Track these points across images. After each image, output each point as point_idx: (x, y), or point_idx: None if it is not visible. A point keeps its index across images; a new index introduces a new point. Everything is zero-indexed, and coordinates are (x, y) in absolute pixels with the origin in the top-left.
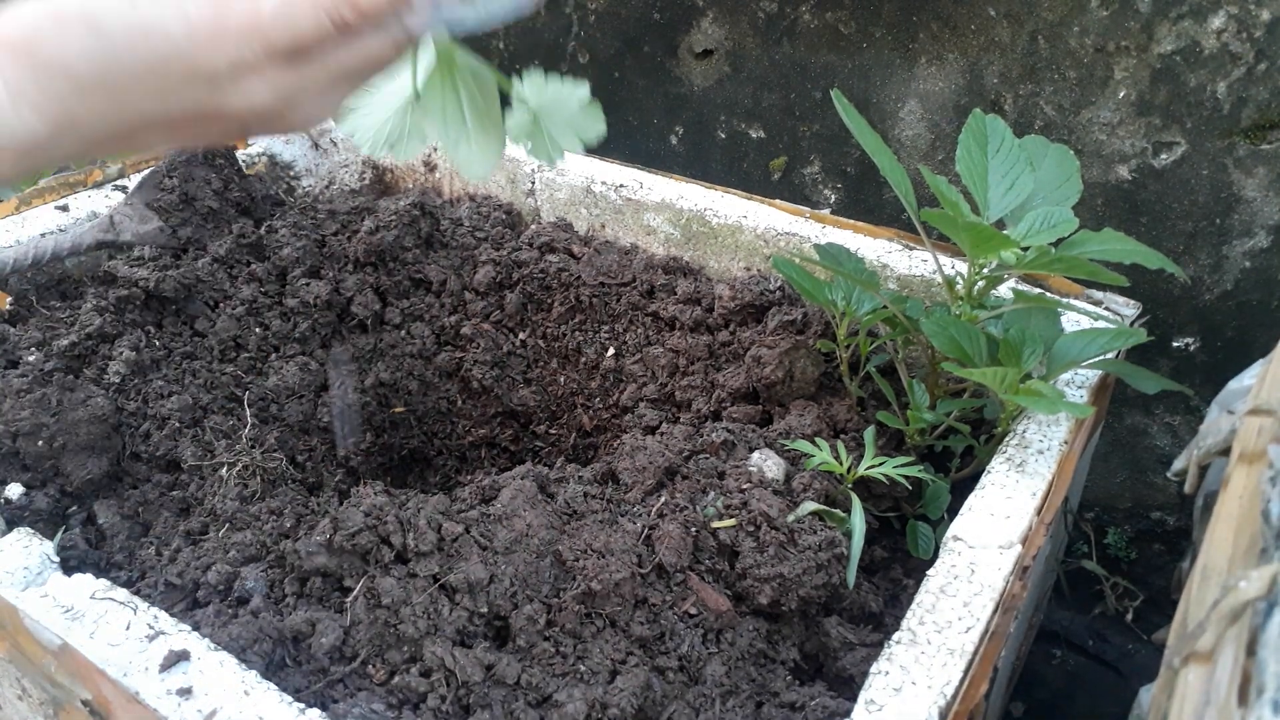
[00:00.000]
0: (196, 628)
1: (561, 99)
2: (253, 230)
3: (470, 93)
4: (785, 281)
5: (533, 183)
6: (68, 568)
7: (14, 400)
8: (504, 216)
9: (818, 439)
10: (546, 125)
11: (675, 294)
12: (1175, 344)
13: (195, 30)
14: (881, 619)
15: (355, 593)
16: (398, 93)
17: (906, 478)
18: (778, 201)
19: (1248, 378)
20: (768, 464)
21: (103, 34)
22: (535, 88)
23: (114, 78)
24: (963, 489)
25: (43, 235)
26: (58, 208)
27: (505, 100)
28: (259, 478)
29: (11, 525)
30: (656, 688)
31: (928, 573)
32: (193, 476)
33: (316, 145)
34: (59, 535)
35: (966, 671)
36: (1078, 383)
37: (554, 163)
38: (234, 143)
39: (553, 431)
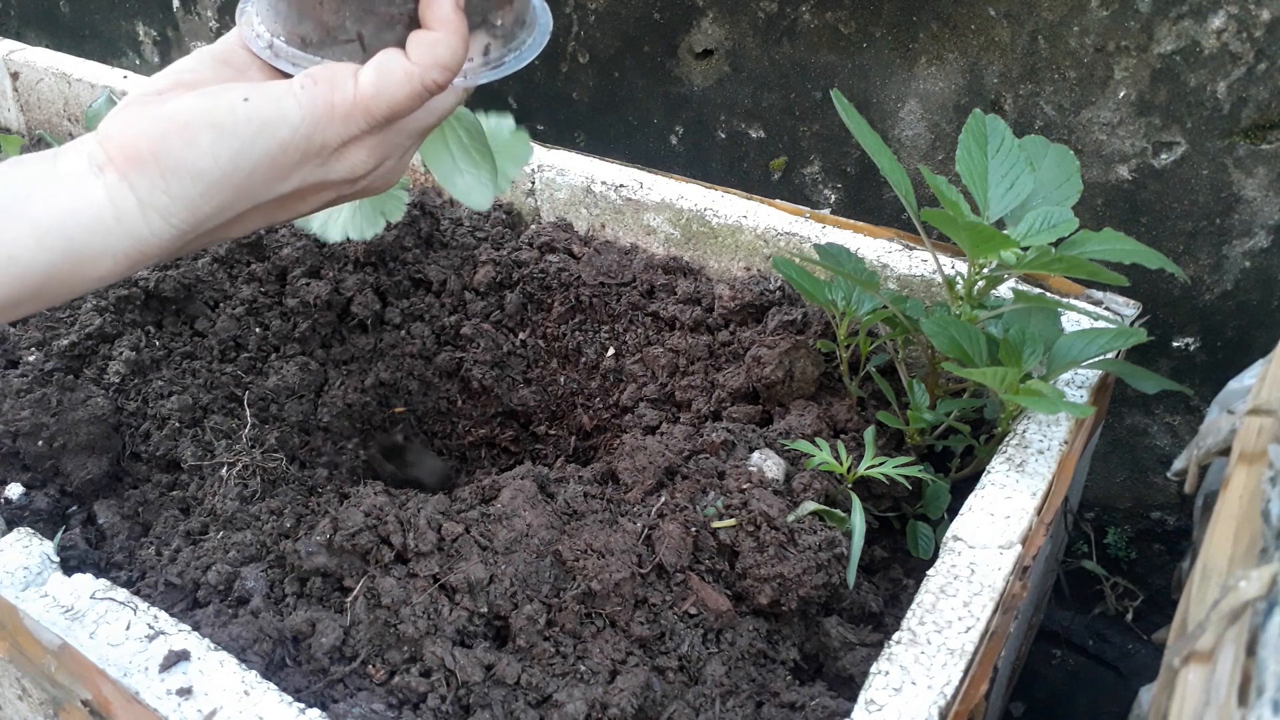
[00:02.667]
0: (196, 628)
1: (495, 131)
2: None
3: (455, 133)
4: (785, 281)
5: (533, 183)
6: (68, 568)
7: (14, 400)
8: (504, 216)
9: (818, 439)
10: None
11: (675, 294)
12: (1175, 344)
13: (309, 114)
14: (881, 619)
15: (355, 593)
16: None
17: (906, 478)
18: (778, 201)
19: (1248, 378)
20: (768, 464)
21: (228, 132)
22: None
23: (240, 173)
24: (963, 489)
25: None
26: None
27: None
28: (259, 478)
29: (11, 525)
30: (656, 688)
31: (928, 573)
32: (193, 476)
33: None
34: (59, 535)
35: (966, 671)
36: (1078, 383)
37: (501, 189)
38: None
39: (553, 432)
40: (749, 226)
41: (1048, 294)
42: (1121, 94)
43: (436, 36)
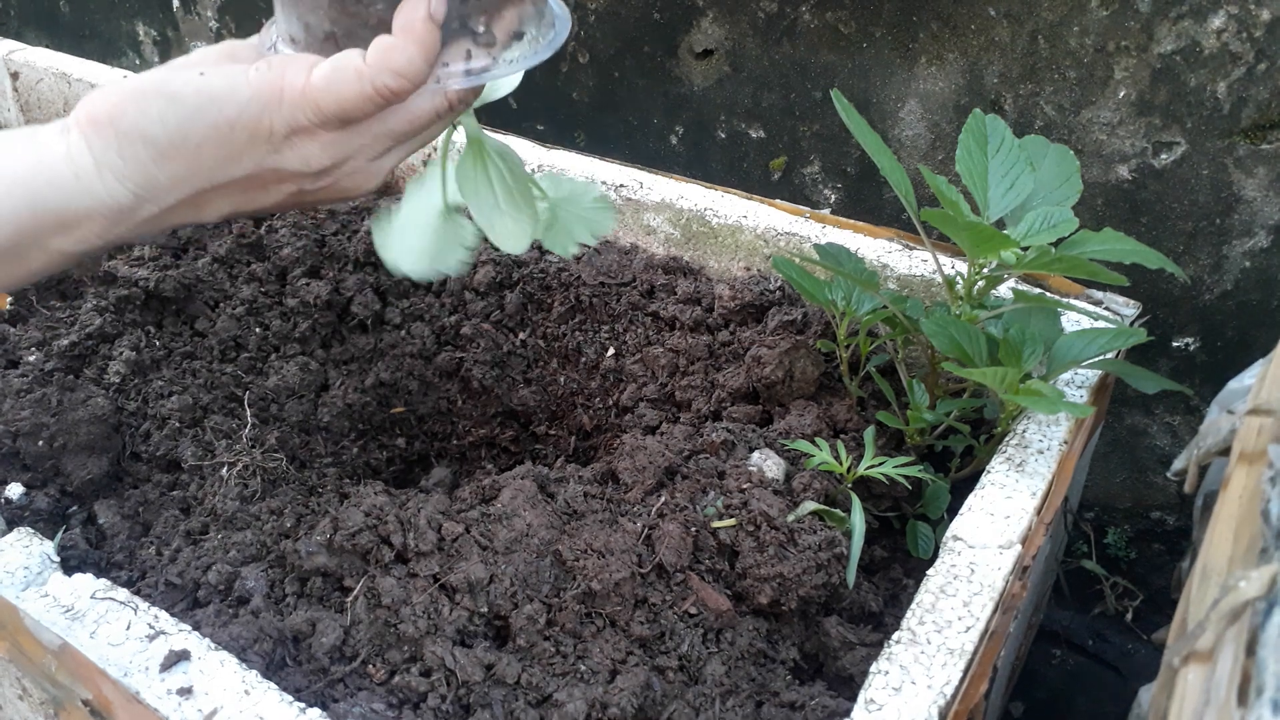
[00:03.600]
0: (197, 627)
1: (576, 195)
2: (253, 230)
3: (499, 172)
4: (785, 281)
5: None
6: (68, 568)
7: (14, 400)
8: None
9: (818, 439)
10: (563, 218)
11: (675, 294)
12: (1175, 344)
13: (257, 94)
14: (881, 619)
15: (355, 592)
16: (429, 208)
17: (906, 477)
18: (778, 201)
19: (1248, 378)
20: (768, 464)
21: (177, 101)
22: (552, 183)
23: (188, 142)
24: (963, 489)
25: None
26: None
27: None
28: (259, 478)
29: (12, 525)
30: (656, 687)
31: (928, 572)
32: (193, 476)
33: None
34: (59, 535)
35: (966, 671)
36: (1078, 383)
37: (569, 253)
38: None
39: (553, 432)
40: (749, 226)
41: (1048, 294)
42: (1121, 94)
43: (394, 42)
